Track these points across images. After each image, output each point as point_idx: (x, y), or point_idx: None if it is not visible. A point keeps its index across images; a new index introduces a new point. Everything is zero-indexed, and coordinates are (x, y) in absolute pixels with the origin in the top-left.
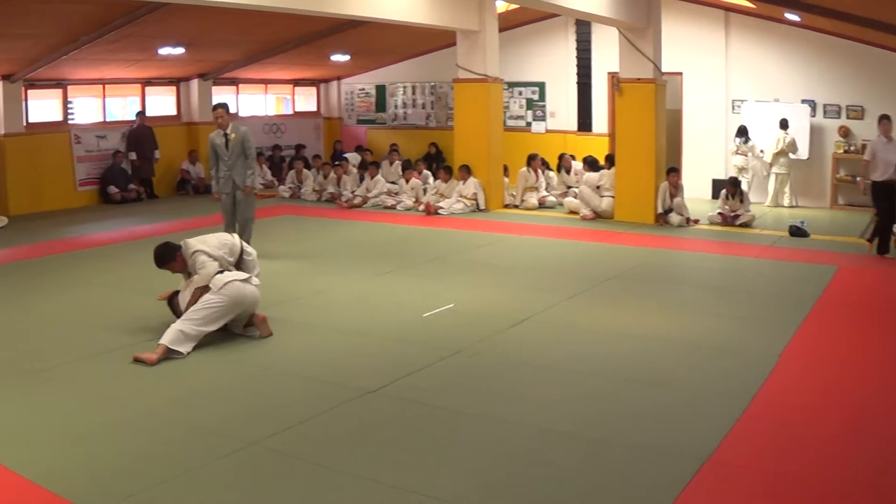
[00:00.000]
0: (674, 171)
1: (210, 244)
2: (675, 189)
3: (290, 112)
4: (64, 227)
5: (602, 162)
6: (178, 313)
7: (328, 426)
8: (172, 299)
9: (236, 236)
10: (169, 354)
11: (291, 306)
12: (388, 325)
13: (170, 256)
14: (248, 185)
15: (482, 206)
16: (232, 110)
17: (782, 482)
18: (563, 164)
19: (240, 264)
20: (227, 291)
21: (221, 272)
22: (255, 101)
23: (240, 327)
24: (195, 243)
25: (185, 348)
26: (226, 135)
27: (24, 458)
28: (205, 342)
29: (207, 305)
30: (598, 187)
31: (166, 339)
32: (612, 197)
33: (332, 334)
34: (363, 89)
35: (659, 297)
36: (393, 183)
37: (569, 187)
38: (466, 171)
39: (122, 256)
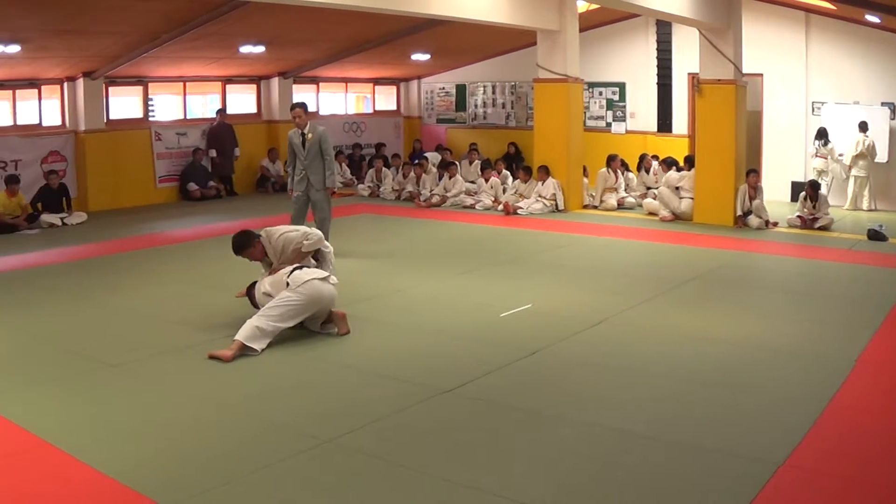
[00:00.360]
0: (753, 172)
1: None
2: (755, 191)
3: (371, 111)
4: (143, 224)
5: (681, 163)
6: (256, 304)
7: (404, 425)
8: (250, 290)
9: (314, 229)
10: (244, 351)
11: (369, 304)
12: (466, 324)
13: (248, 243)
14: (328, 187)
15: (561, 207)
16: (312, 109)
17: (857, 487)
18: (644, 165)
19: (317, 256)
20: (306, 290)
21: (301, 268)
22: (336, 100)
23: (317, 325)
24: (280, 228)
25: (260, 345)
26: (303, 134)
27: (100, 452)
28: (281, 339)
29: (285, 302)
30: (677, 188)
31: (242, 335)
32: (692, 198)
33: (410, 333)
34: (443, 88)
35: (736, 300)
36: (472, 182)
37: (648, 188)
38: (545, 172)
39: (201, 253)
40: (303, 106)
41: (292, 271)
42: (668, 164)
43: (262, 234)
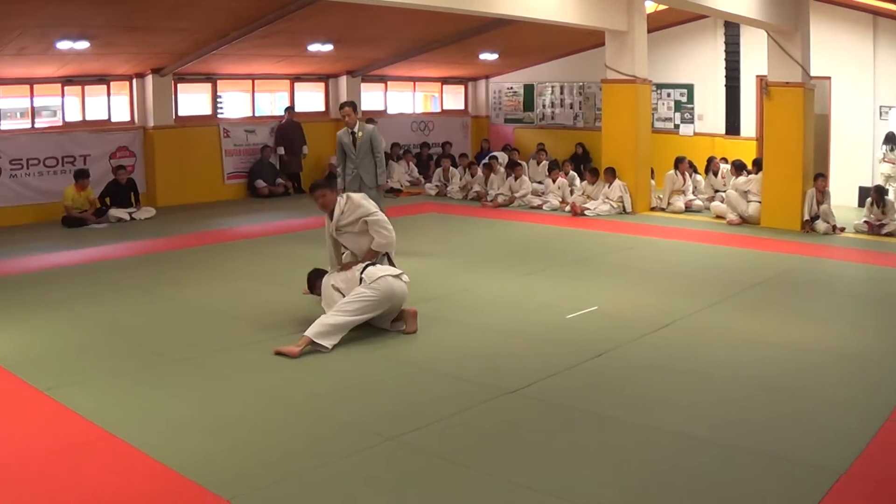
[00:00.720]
0: (821, 177)
1: None
2: (822, 195)
3: (438, 110)
4: (210, 220)
5: (749, 166)
6: (316, 292)
7: (468, 425)
8: (314, 281)
9: (388, 231)
10: (313, 347)
11: (436, 304)
12: (532, 325)
13: (327, 186)
14: (381, 185)
15: (629, 209)
16: (380, 108)
17: None
18: (712, 168)
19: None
20: (380, 286)
21: (374, 265)
22: (404, 99)
23: (387, 322)
24: (362, 196)
25: (330, 342)
26: (353, 133)
27: (165, 445)
28: (347, 336)
29: (360, 298)
30: (745, 192)
31: (312, 331)
32: (759, 202)
33: (476, 333)
34: (511, 88)
35: (802, 305)
36: (539, 183)
37: (716, 191)
38: (612, 174)
39: (268, 250)
40: (352, 105)
41: (366, 267)
42: (738, 167)
43: (347, 195)
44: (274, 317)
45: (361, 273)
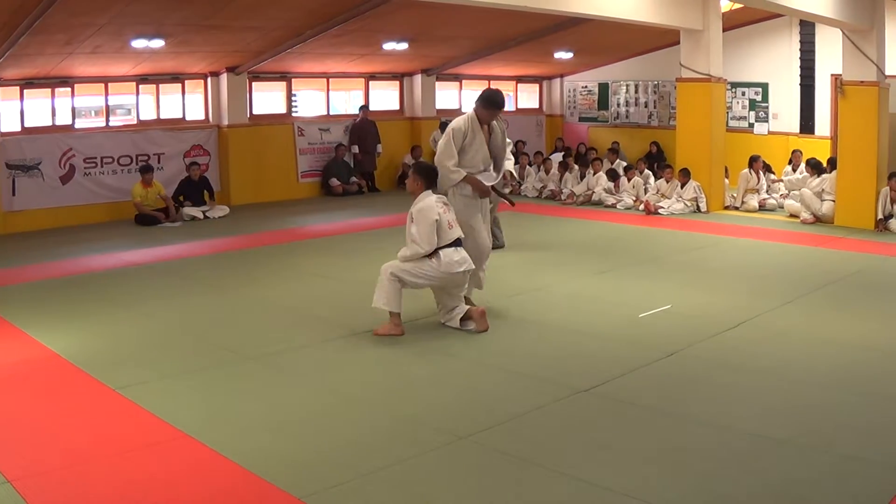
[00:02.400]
0: (894, 177)
1: None
2: None
3: (513, 108)
4: (285, 218)
5: (825, 165)
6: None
7: (539, 424)
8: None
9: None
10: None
11: (510, 302)
12: (604, 324)
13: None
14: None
15: (703, 209)
16: (454, 106)
17: None
18: (794, 162)
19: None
20: (446, 268)
21: (458, 246)
22: None
23: (456, 321)
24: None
25: (396, 305)
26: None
27: (236, 444)
28: (418, 336)
29: (421, 272)
30: (821, 190)
31: (380, 301)
32: (833, 201)
33: (549, 331)
34: (586, 87)
35: (877, 305)
36: (613, 181)
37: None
38: (686, 175)
39: (342, 248)
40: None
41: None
42: (813, 165)
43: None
44: (347, 315)
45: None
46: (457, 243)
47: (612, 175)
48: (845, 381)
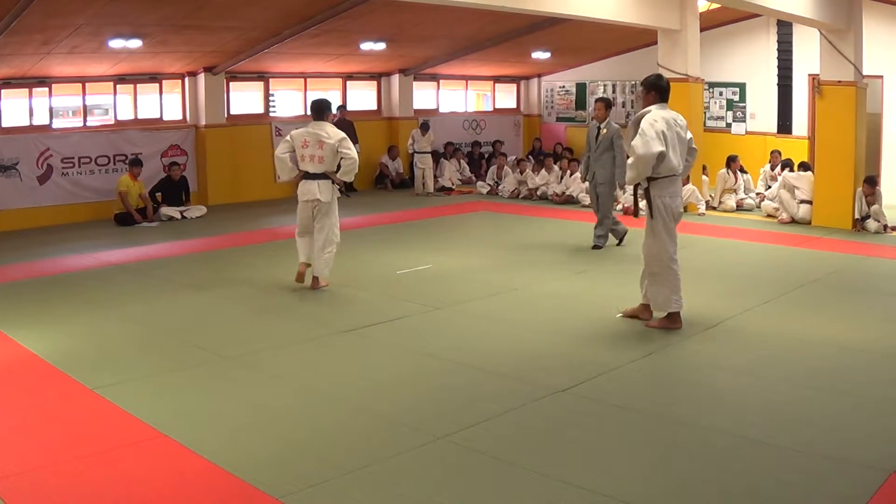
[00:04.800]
0: (866, 184)
1: None
2: (872, 197)
3: (490, 108)
4: (262, 218)
5: (796, 169)
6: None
7: (517, 423)
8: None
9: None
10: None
11: (488, 301)
12: (582, 323)
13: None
14: (619, 183)
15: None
16: (432, 106)
17: None
18: (772, 162)
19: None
20: None
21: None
22: (456, 97)
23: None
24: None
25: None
26: (599, 128)
27: (213, 444)
28: (399, 334)
29: None
30: (794, 188)
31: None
32: (810, 203)
33: (526, 331)
34: (563, 87)
35: (854, 305)
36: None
37: (768, 187)
38: None
39: None
40: (604, 101)
41: None
42: (785, 166)
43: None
44: (324, 314)
45: None
46: None
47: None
48: (823, 381)
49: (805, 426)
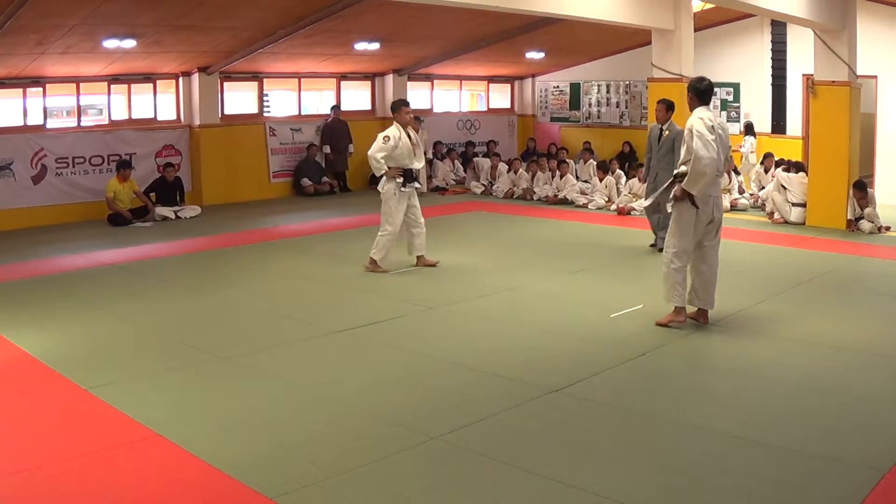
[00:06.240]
0: (856, 188)
1: None
2: (865, 200)
3: (484, 108)
4: (256, 218)
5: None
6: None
7: (511, 424)
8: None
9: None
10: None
11: (481, 302)
12: (576, 324)
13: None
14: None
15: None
16: (426, 106)
17: None
18: (766, 165)
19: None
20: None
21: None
22: (450, 97)
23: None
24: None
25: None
26: (661, 129)
27: (208, 444)
28: (394, 335)
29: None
30: (784, 188)
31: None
32: (803, 206)
33: (520, 331)
34: (557, 87)
35: (848, 305)
36: (586, 182)
37: (762, 188)
38: None
39: (314, 248)
40: (665, 103)
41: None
42: (778, 165)
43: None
44: (318, 314)
45: None
46: None
47: (601, 166)
48: (818, 381)
49: (800, 426)
